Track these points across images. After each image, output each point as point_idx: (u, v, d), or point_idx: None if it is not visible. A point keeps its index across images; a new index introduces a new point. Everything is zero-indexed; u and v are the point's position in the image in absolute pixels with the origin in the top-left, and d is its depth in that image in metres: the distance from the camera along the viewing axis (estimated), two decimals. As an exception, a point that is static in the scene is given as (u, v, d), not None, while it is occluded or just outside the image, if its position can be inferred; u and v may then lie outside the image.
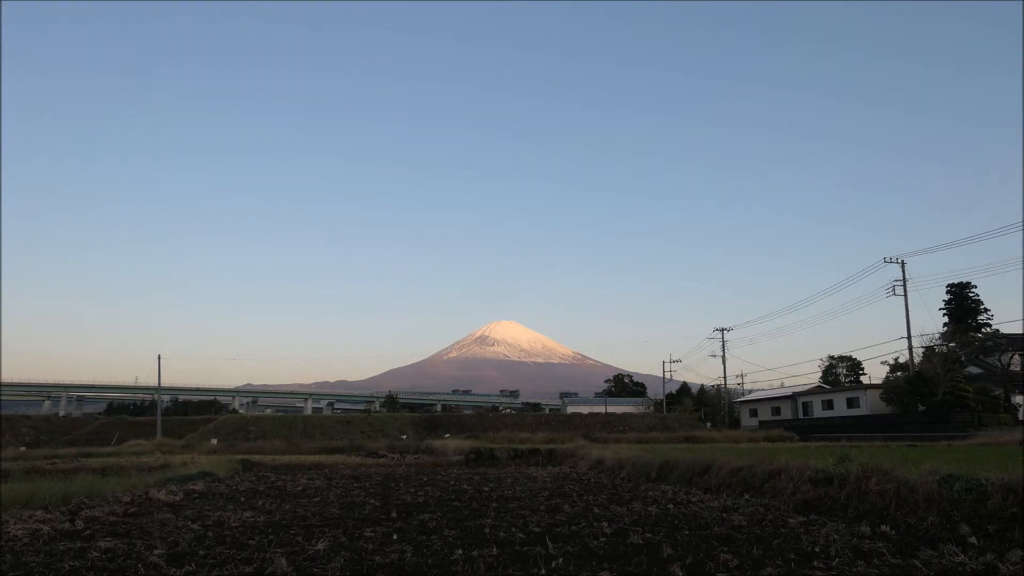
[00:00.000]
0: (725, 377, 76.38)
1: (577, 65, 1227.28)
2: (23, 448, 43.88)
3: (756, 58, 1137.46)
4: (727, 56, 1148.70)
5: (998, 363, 51.82)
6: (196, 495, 13.58)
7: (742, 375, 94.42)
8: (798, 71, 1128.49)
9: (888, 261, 52.76)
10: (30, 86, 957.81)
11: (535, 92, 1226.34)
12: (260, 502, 12.20)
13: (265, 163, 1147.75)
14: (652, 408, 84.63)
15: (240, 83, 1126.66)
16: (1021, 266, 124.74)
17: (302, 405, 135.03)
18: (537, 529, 8.42)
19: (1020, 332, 55.89)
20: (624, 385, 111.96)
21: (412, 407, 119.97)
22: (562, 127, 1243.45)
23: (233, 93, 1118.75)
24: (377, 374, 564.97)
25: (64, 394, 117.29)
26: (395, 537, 7.95)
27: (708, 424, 71.19)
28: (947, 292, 62.04)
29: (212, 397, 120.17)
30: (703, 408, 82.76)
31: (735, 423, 71.69)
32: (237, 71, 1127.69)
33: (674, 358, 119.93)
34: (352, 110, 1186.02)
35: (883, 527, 7.90)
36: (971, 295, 61.37)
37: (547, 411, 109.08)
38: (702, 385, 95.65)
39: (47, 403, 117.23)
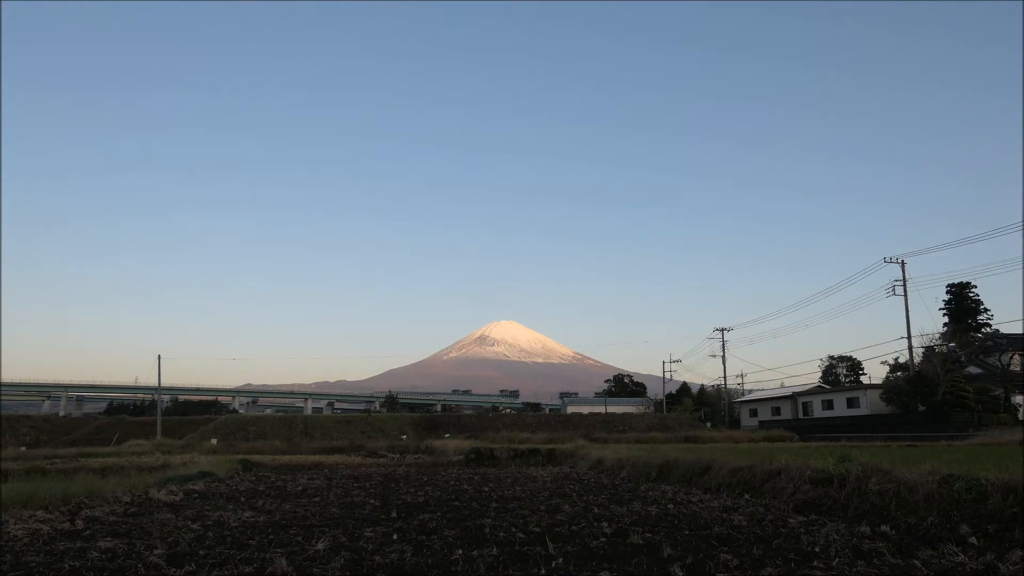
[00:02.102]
0: (725, 377, 76.46)
1: (579, 65, 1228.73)
2: (23, 448, 43.92)
3: (756, 58, 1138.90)
4: (726, 57, 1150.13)
5: (998, 363, 51.83)
6: (196, 495, 13.58)
7: (742, 375, 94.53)
8: (797, 69, 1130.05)
9: (888, 261, 52.77)
10: (31, 87, 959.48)
11: (537, 92, 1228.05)
12: (260, 502, 12.20)
13: (265, 164, 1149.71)
14: (652, 408, 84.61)
15: (242, 86, 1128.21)
16: (1021, 266, 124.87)
17: (302, 405, 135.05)
18: (537, 529, 8.42)
19: (1020, 332, 55.94)
20: (624, 385, 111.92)
21: (412, 407, 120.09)
22: (563, 127, 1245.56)
23: (235, 95, 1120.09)
24: (377, 374, 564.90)
25: (64, 394, 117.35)
26: (395, 537, 7.95)
27: (708, 424, 71.21)
28: (947, 292, 62.05)
29: (212, 397, 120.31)
30: (703, 408, 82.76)
31: (735, 423, 71.70)
32: (239, 74, 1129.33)
33: (674, 358, 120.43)
34: (352, 110, 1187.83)
35: (883, 527, 7.90)
36: (971, 295, 61.34)
37: (547, 411, 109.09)
38: (702, 385, 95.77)
39: (47, 403, 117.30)
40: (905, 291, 51.65)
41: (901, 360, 56.70)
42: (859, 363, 76.19)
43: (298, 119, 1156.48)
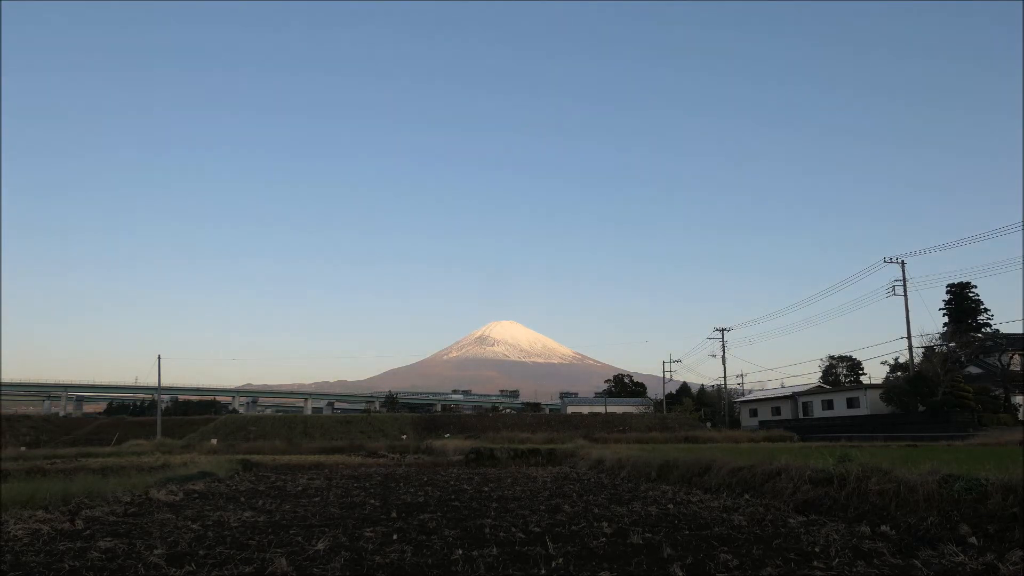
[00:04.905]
0: (725, 377, 76.42)
1: (581, 63, 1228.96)
2: (23, 448, 43.90)
3: (757, 55, 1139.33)
4: (729, 55, 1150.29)
5: (998, 363, 51.78)
6: (196, 495, 13.57)
7: (742, 375, 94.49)
8: (799, 68, 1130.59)
9: (888, 261, 52.75)
10: (33, 86, 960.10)
11: (538, 91, 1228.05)
12: (260, 502, 12.19)
13: (265, 163, 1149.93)
14: (652, 408, 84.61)
15: (242, 86, 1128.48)
16: (1021, 266, 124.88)
17: (302, 405, 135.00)
18: (537, 529, 8.42)
19: (1020, 332, 55.92)
20: (624, 385, 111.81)
21: (412, 407, 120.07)
22: (564, 126, 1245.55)
23: (235, 95, 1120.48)
24: (377, 374, 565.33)
25: (64, 394, 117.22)
26: (395, 537, 7.94)
27: (708, 424, 71.21)
28: (947, 292, 61.98)
29: (212, 397, 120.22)
30: (703, 408, 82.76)
31: (735, 423, 71.67)
32: (239, 74, 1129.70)
33: (674, 358, 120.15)
34: (352, 109, 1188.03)
35: (883, 527, 7.89)
36: (971, 295, 61.27)
37: (547, 411, 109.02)
38: (702, 385, 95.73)
39: (47, 403, 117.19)
40: (905, 291, 51.68)
41: (901, 360, 56.73)
42: (859, 363, 76.21)
43: (299, 121, 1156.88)
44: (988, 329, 59.07)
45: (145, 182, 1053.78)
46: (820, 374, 78.13)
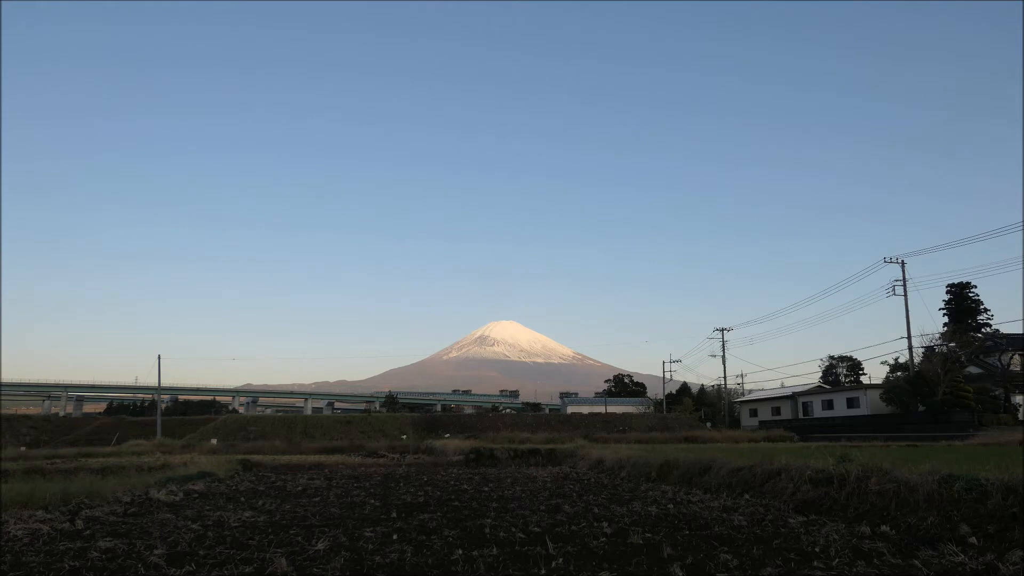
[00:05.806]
0: (725, 377, 76.42)
1: (581, 63, 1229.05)
2: (23, 448, 43.88)
3: (757, 56, 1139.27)
4: (730, 56, 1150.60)
5: (998, 363, 51.79)
6: (196, 495, 13.56)
7: (742, 375, 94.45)
8: (800, 69, 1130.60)
9: (888, 261, 52.75)
10: (33, 86, 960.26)
11: (537, 91, 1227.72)
12: (260, 502, 12.19)
13: (265, 162, 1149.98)
14: (652, 408, 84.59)
15: (243, 87, 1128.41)
16: (1021, 266, 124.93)
17: (302, 405, 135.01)
18: (537, 529, 8.42)
19: (1020, 332, 55.91)
20: (624, 385, 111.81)
21: (412, 407, 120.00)
22: (564, 126, 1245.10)
23: (236, 96, 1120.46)
24: (377, 374, 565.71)
25: (64, 394, 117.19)
26: (395, 537, 7.94)
27: (708, 424, 71.18)
28: (947, 292, 62.02)
29: (212, 397, 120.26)
30: (703, 408, 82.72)
31: (735, 423, 71.67)
32: (240, 75, 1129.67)
33: (674, 358, 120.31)
34: (352, 108, 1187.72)
35: (883, 527, 7.89)
36: (971, 295, 61.29)
37: (547, 411, 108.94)
38: (702, 385, 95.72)
39: (47, 403, 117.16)
40: (905, 291, 51.67)
41: (901, 360, 56.70)
42: (859, 363, 76.29)
43: (299, 123, 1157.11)
44: (988, 329, 59.11)
45: (145, 183, 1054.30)
46: (820, 374, 78.22)
